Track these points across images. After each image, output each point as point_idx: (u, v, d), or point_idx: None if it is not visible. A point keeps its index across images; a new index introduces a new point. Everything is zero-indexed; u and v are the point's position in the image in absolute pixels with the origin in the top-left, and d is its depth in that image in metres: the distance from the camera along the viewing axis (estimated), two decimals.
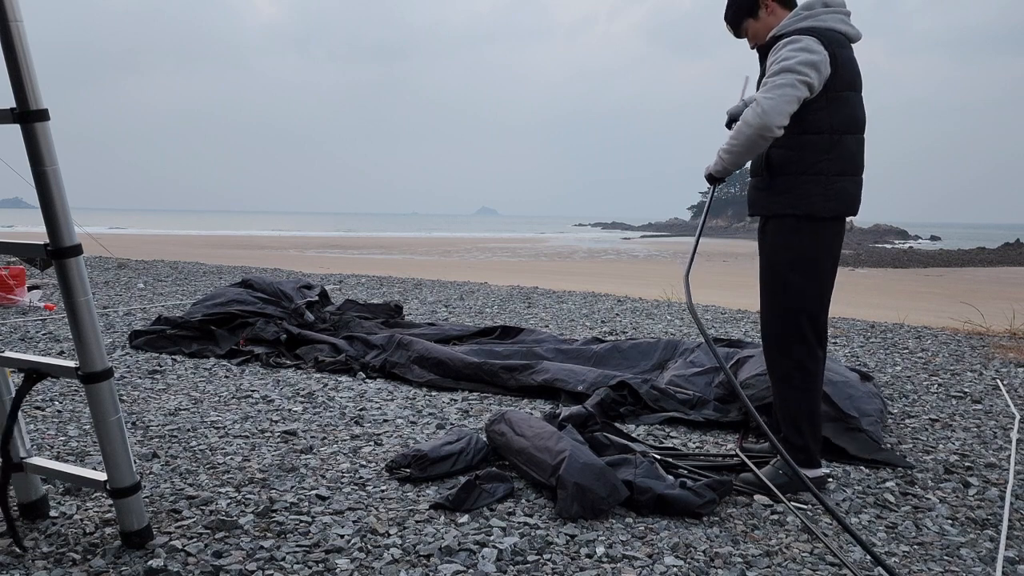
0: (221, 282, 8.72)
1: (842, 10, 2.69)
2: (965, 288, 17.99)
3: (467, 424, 3.56)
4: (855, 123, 2.67)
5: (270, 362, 4.67)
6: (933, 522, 2.57)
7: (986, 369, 5.06)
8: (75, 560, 2.09)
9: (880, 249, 43.23)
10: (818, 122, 2.61)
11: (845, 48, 2.63)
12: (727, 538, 2.37)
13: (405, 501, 2.57)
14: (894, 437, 3.51)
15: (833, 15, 2.66)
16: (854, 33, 2.70)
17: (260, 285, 5.94)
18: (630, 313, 7.36)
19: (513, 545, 2.24)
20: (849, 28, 2.69)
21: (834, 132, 2.62)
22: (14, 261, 8.28)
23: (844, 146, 2.64)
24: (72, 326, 2.02)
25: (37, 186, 1.93)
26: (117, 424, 2.08)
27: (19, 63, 1.85)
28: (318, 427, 3.41)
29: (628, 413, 3.71)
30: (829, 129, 2.61)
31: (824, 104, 2.60)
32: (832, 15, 2.66)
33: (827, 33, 2.60)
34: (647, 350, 4.70)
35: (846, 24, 2.68)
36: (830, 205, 2.65)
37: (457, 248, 38.23)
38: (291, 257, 22.93)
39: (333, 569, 2.09)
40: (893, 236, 67.19)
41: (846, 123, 2.63)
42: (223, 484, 2.67)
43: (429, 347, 4.60)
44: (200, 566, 2.06)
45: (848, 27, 2.68)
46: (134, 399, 3.80)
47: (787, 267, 2.74)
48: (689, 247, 3.03)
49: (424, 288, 9.01)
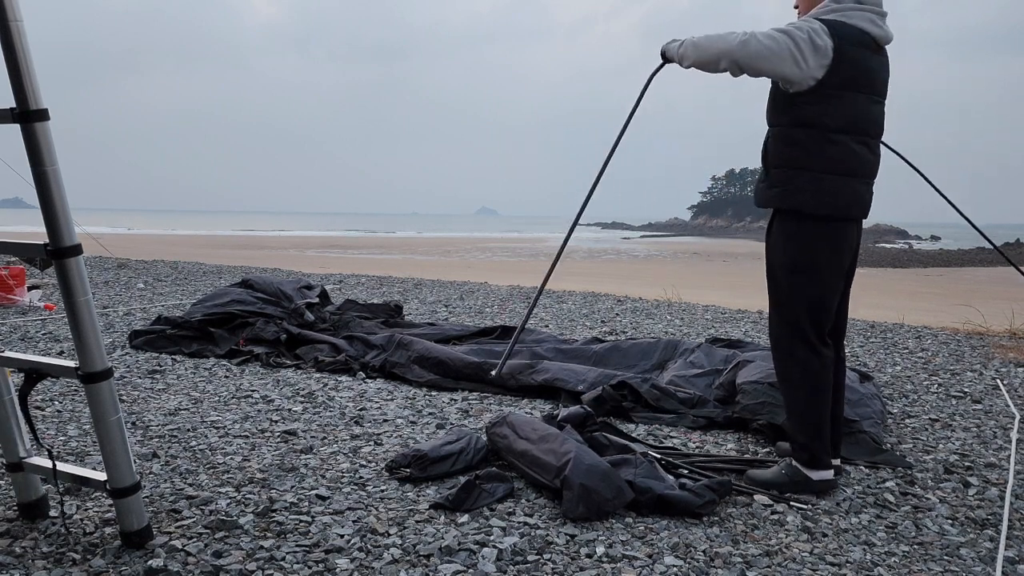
0: (221, 282, 8.72)
1: (875, 9, 2.59)
2: (965, 288, 17.99)
3: (467, 424, 3.56)
4: (858, 125, 2.60)
5: (270, 362, 4.67)
6: (933, 522, 2.57)
7: (986, 369, 5.06)
8: (75, 560, 2.09)
9: (880, 249, 43.24)
10: (807, 117, 2.57)
11: (860, 48, 2.55)
12: (727, 538, 2.37)
13: (405, 501, 2.57)
14: (894, 437, 3.51)
15: (861, 13, 2.57)
16: (882, 34, 2.60)
17: (260, 285, 5.94)
18: (630, 313, 7.36)
19: (513, 545, 2.24)
20: (875, 28, 2.58)
21: (826, 130, 2.57)
22: (14, 261, 8.28)
23: (840, 146, 2.58)
24: (72, 326, 2.02)
25: (37, 186, 1.93)
26: (117, 424, 2.08)
27: (19, 63, 1.85)
28: (318, 427, 3.41)
29: (630, 408, 3.72)
30: (823, 126, 2.57)
31: (815, 100, 2.55)
32: (860, 13, 2.57)
33: (844, 28, 2.53)
34: (647, 350, 4.70)
35: (875, 24, 2.58)
36: (815, 202, 2.60)
37: (457, 248, 38.23)
38: (291, 257, 22.93)
39: (333, 569, 2.09)
40: (893, 236, 67.20)
41: (846, 123, 2.58)
42: (223, 484, 2.67)
43: (429, 347, 4.60)
44: (200, 566, 2.06)
45: (875, 27, 2.58)
46: (134, 399, 3.80)
47: (784, 268, 2.73)
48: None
49: (424, 288, 9.01)
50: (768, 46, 2.50)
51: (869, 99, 2.62)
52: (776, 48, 2.50)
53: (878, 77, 2.63)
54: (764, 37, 2.52)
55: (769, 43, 2.50)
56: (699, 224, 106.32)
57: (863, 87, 2.59)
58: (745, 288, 12.74)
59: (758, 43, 2.51)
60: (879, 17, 2.61)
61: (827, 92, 2.55)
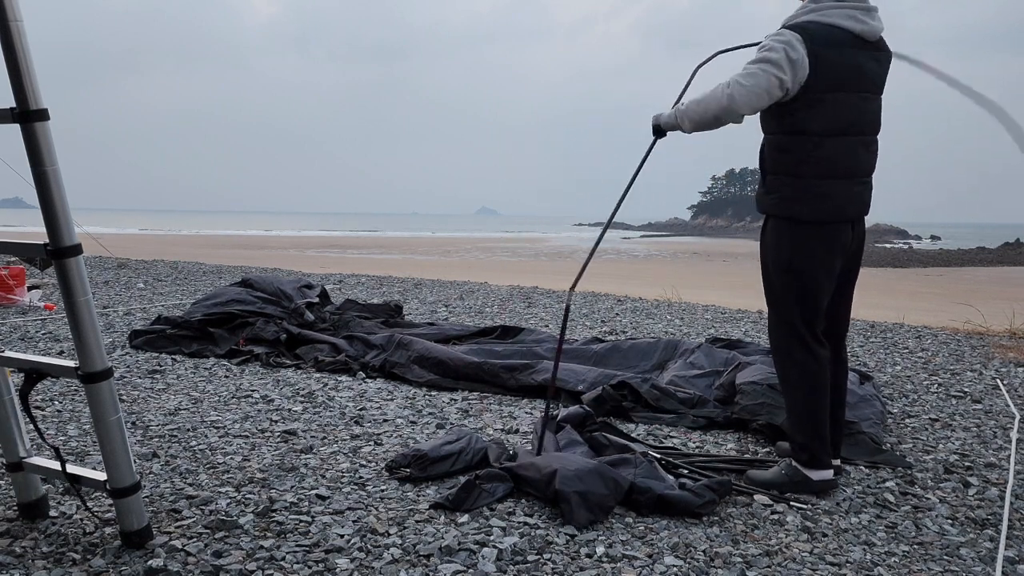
0: (221, 282, 8.72)
1: (856, 5, 2.56)
2: (965, 288, 18.00)
3: (467, 424, 3.55)
4: (847, 125, 2.59)
5: (270, 362, 4.67)
6: (933, 522, 2.57)
7: (986, 369, 5.06)
8: (75, 560, 2.09)
9: (880, 249, 43.23)
10: (798, 124, 2.58)
11: (842, 47, 2.53)
12: (727, 538, 2.37)
13: (405, 501, 2.57)
14: (894, 437, 3.51)
15: (840, 10, 2.55)
16: (865, 30, 2.56)
17: (260, 285, 5.94)
18: (630, 313, 7.36)
19: (513, 545, 2.24)
20: (857, 24, 2.55)
21: (814, 135, 2.57)
22: (14, 261, 8.28)
23: (827, 149, 2.57)
24: (72, 326, 2.02)
25: (37, 186, 1.93)
26: (117, 424, 2.08)
27: (19, 63, 1.85)
28: (318, 427, 3.41)
29: (630, 408, 3.72)
30: (809, 131, 2.57)
31: (802, 106, 2.56)
32: (839, 10, 2.55)
33: (819, 31, 2.51)
34: (647, 350, 4.70)
35: (855, 20, 2.55)
36: (808, 209, 2.61)
37: (457, 248, 38.23)
38: (291, 257, 22.93)
39: (333, 569, 2.09)
40: (893, 236, 67.22)
41: (829, 126, 2.56)
42: (223, 484, 2.67)
43: (429, 347, 4.60)
44: (200, 566, 2.06)
45: (856, 23, 2.55)
46: (134, 399, 3.80)
47: (776, 269, 2.74)
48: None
49: (424, 288, 9.01)
50: (753, 87, 2.53)
51: (859, 97, 2.60)
52: (762, 82, 2.52)
53: (866, 73, 2.60)
54: (746, 79, 2.54)
55: (753, 83, 2.52)
56: (699, 224, 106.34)
57: (850, 86, 2.57)
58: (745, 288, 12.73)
59: (744, 90, 2.53)
60: (862, 12, 2.56)
61: (813, 97, 2.54)
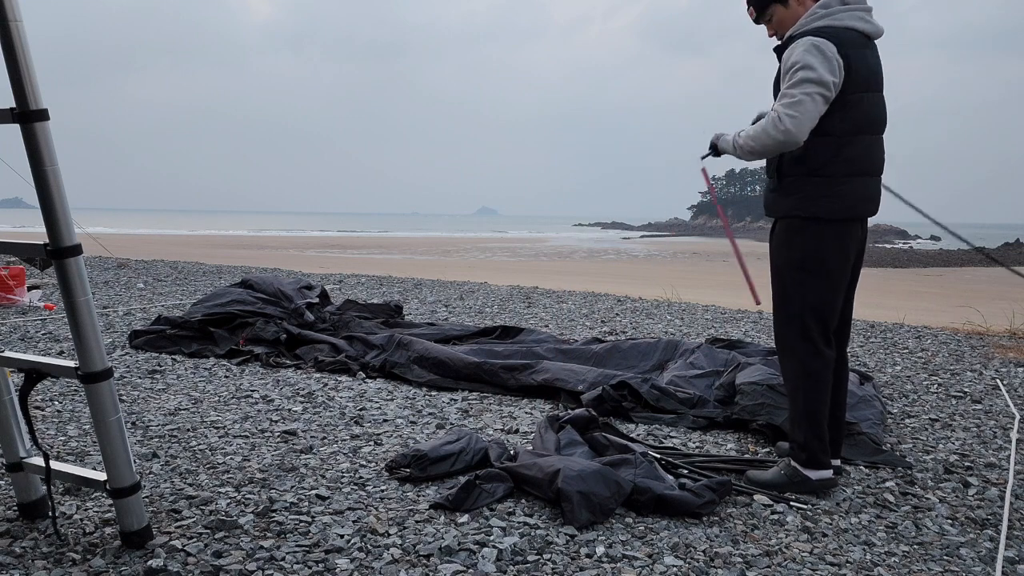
0: (221, 282, 8.72)
1: (861, 6, 2.62)
2: (965, 288, 18.00)
3: (467, 424, 3.55)
4: (869, 124, 2.62)
5: (270, 362, 4.67)
6: (933, 522, 2.57)
7: (986, 369, 5.06)
8: (75, 560, 2.09)
9: (880, 249, 43.22)
10: (827, 126, 2.58)
11: (860, 48, 2.57)
12: (727, 538, 2.37)
13: (405, 501, 2.57)
14: (894, 437, 3.51)
15: (851, 13, 2.59)
16: (873, 30, 2.62)
17: (260, 285, 5.94)
18: (630, 313, 7.36)
19: (513, 545, 2.24)
20: (868, 25, 2.61)
21: (843, 134, 2.59)
22: (14, 261, 8.28)
23: (855, 147, 2.60)
24: (72, 326, 2.02)
25: (37, 186, 1.93)
26: (117, 424, 2.08)
27: (19, 63, 1.85)
28: (318, 427, 3.41)
29: (630, 408, 3.72)
30: (838, 132, 2.58)
31: (834, 109, 2.56)
32: (849, 13, 2.59)
33: (842, 34, 2.55)
34: (647, 350, 4.70)
35: (865, 21, 2.60)
36: (836, 207, 2.63)
37: (457, 248, 38.23)
38: (291, 257, 22.93)
39: (333, 569, 2.09)
40: (893, 236, 67.21)
41: (858, 125, 2.59)
42: (223, 484, 2.67)
43: (429, 347, 4.60)
44: (200, 566, 2.06)
45: (867, 24, 2.60)
46: (134, 399, 3.80)
47: (790, 268, 2.73)
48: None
49: (424, 288, 9.01)
50: (804, 116, 2.51)
51: (875, 95, 2.64)
52: (810, 109, 2.51)
53: (878, 72, 2.66)
54: (794, 108, 2.50)
55: (802, 112, 2.50)
56: (699, 224, 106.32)
57: (872, 85, 2.61)
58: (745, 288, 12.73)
59: (795, 121, 2.51)
60: (867, 13, 2.63)
61: (846, 99, 2.56)
